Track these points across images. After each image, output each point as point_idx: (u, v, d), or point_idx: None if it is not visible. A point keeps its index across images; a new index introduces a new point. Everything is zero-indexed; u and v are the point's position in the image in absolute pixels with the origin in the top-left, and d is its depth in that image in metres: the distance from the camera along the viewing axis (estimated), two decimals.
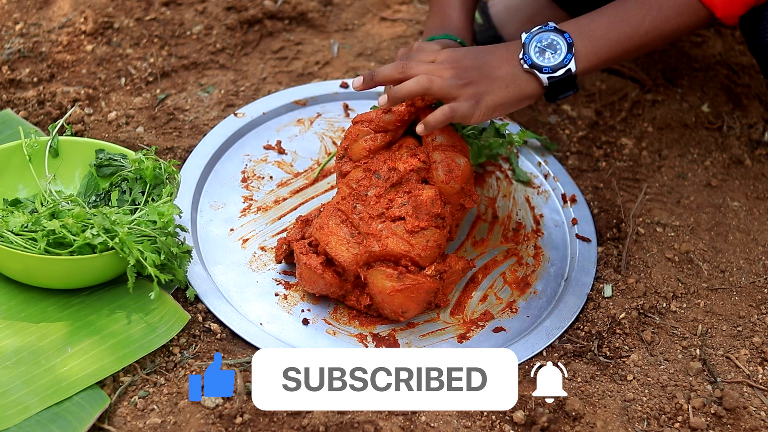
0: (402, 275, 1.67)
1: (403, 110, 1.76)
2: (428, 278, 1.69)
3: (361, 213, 1.70)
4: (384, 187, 1.71)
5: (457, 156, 1.76)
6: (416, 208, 1.69)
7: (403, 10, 2.49)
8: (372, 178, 1.73)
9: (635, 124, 2.23)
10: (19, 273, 1.68)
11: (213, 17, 2.36)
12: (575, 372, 1.70)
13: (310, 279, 1.72)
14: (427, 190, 1.71)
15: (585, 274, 1.88)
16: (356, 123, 1.80)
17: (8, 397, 1.54)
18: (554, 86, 1.72)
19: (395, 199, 1.70)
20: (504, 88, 1.70)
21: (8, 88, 2.13)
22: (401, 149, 1.75)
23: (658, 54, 2.40)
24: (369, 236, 1.69)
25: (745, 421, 1.63)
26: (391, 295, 1.68)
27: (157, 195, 1.79)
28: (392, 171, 1.72)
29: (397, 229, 1.68)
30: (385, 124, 1.77)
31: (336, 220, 1.71)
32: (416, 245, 1.68)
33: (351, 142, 1.79)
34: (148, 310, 1.69)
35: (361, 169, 1.74)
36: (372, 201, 1.71)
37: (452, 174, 1.74)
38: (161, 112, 2.11)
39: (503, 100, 1.70)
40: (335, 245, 1.69)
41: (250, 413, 1.56)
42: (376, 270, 1.69)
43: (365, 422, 1.56)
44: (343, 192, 1.74)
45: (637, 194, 2.07)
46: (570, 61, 1.70)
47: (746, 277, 1.91)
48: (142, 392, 1.59)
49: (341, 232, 1.70)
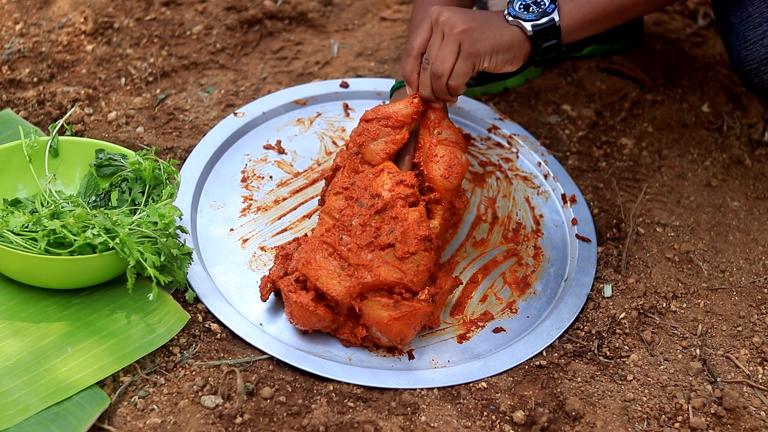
0: (398, 303, 1.65)
1: (417, 102, 1.76)
2: (423, 303, 1.67)
3: (349, 244, 1.66)
4: (368, 215, 1.68)
5: (459, 152, 1.76)
6: (404, 233, 1.66)
7: (403, 10, 2.49)
8: (354, 206, 1.69)
9: (635, 124, 2.23)
10: (19, 273, 1.68)
11: (213, 17, 2.36)
12: (575, 372, 1.70)
13: (301, 317, 1.68)
14: (412, 213, 1.68)
15: (585, 274, 1.88)
16: (370, 120, 1.77)
17: (8, 397, 1.54)
18: (539, 37, 1.74)
19: (382, 227, 1.67)
20: (495, 35, 1.73)
21: (8, 88, 2.13)
22: (382, 175, 1.72)
23: (658, 54, 2.40)
24: (360, 267, 1.65)
25: (745, 421, 1.63)
26: (388, 324, 1.66)
27: (157, 195, 1.79)
28: (375, 198, 1.69)
29: (387, 256, 1.65)
30: (403, 118, 1.76)
31: (323, 253, 1.67)
32: (408, 271, 1.66)
33: (368, 139, 1.76)
34: (148, 310, 1.69)
35: (341, 197, 1.71)
36: (358, 230, 1.67)
37: (452, 169, 1.74)
38: (161, 112, 2.11)
39: (495, 45, 1.72)
40: (326, 280, 1.65)
41: (250, 413, 1.56)
42: (371, 300, 1.66)
43: (365, 422, 1.56)
44: (326, 223, 1.70)
45: (637, 194, 2.07)
46: (553, 11, 1.74)
47: (746, 277, 1.91)
48: (142, 392, 1.59)
49: (330, 266, 1.66)
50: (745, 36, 1.84)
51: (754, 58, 1.84)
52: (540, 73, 2.33)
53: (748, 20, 1.84)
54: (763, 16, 1.81)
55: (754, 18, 1.83)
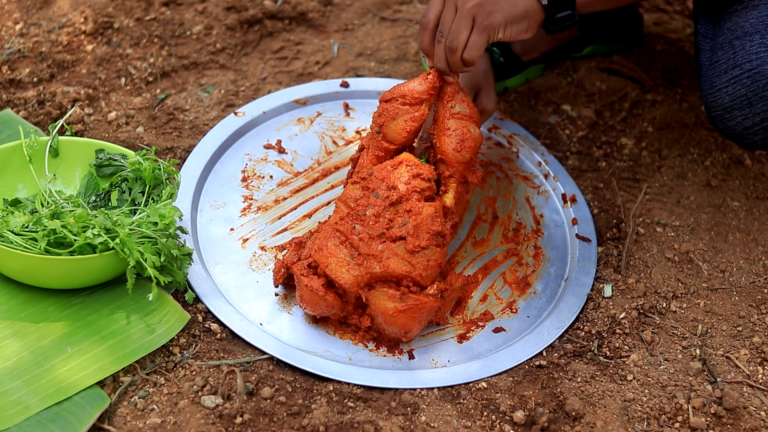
0: (404, 296, 1.65)
1: (432, 78, 1.75)
2: (430, 297, 1.67)
3: (361, 233, 1.67)
4: (383, 206, 1.68)
5: (473, 126, 1.75)
6: (416, 227, 1.66)
7: (403, 10, 2.49)
8: (370, 197, 1.69)
9: (635, 124, 2.23)
10: (19, 273, 1.68)
11: (213, 17, 2.36)
12: (575, 372, 1.70)
13: (311, 301, 1.70)
14: (426, 208, 1.68)
15: (585, 274, 1.88)
16: (388, 101, 1.77)
17: (8, 397, 1.54)
18: (553, 6, 1.72)
19: (395, 219, 1.67)
20: (509, 6, 1.70)
21: (8, 88, 2.13)
22: (400, 167, 1.72)
23: (658, 54, 2.40)
24: (369, 257, 1.66)
25: (745, 421, 1.63)
26: (393, 316, 1.66)
27: (157, 195, 1.79)
28: (391, 189, 1.69)
29: (398, 249, 1.66)
30: (419, 94, 1.75)
31: (335, 241, 1.68)
32: (417, 265, 1.66)
33: (388, 119, 1.76)
34: (148, 310, 1.69)
35: (358, 187, 1.72)
36: (371, 221, 1.68)
37: (464, 143, 1.73)
38: (161, 112, 2.11)
39: (509, 16, 1.69)
40: (335, 267, 1.67)
41: (250, 413, 1.56)
42: (378, 291, 1.66)
43: (365, 422, 1.56)
44: (341, 211, 1.71)
45: (637, 194, 2.07)
46: None
47: (746, 277, 1.91)
48: (142, 392, 1.59)
49: (341, 254, 1.67)
50: (712, 81, 1.81)
51: (719, 105, 1.81)
52: (540, 73, 2.33)
53: (716, 65, 1.81)
54: (729, 63, 1.78)
55: (721, 64, 1.80)
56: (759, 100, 1.75)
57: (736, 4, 1.84)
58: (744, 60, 1.75)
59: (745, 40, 1.77)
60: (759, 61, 1.74)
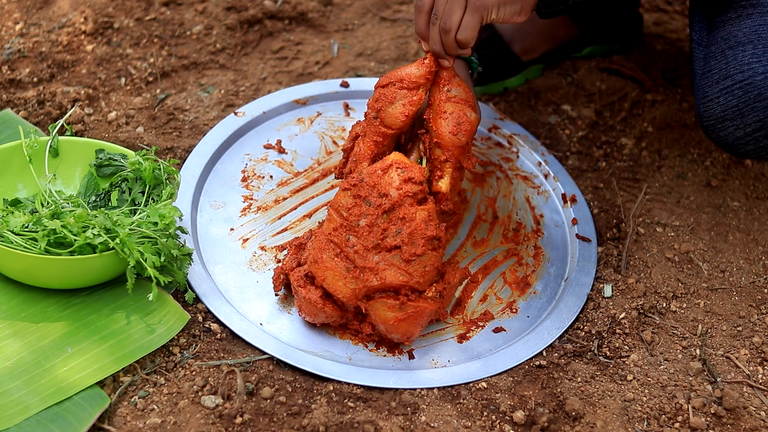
0: (404, 305, 1.65)
1: (429, 63, 1.74)
2: (429, 301, 1.67)
3: (356, 245, 1.65)
4: (376, 215, 1.66)
5: (468, 110, 1.74)
6: (411, 234, 1.64)
7: (403, 10, 2.49)
8: (362, 205, 1.67)
9: (635, 124, 2.23)
10: (19, 273, 1.68)
11: (213, 17, 2.36)
12: (575, 372, 1.70)
13: (310, 312, 1.70)
14: (420, 213, 1.66)
15: (585, 274, 1.88)
16: (385, 86, 1.75)
17: (8, 397, 1.54)
18: None
19: (389, 228, 1.65)
20: None
21: (8, 88, 2.13)
22: (390, 171, 1.69)
23: (658, 54, 2.40)
24: (366, 270, 1.65)
25: (745, 421, 1.63)
26: (394, 325, 1.66)
27: (157, 195, 1.79)
28: (383, 197, 1.66)
29: (394, 259, 1.64)
30: (417, 78, 1.74)
31: (330, 253, 1.67)
32: (414, 273, 1.65)
33: (386, 104, 1.73)
34: (148, 310, 1.69)
35: (349, 194, 1.68)
36: (365, 231, 1.66)
37: (461, 126, 1.72)
38: (161, 112, 2.11)
39: None
40: (332, 281, 1.66)
41: (250, 413, 1.56)
42: (377, 302, 1.66)
43: (365, 422, 1.56)
44: (334, 221, 1.68)
45: (637, 194, 2.07)
46: None
47: (746, 277, 1.91)
48: (142, 392, 1.59)
49: (337, 267, 1.66)
50: (704, 91, 1.81)
51: (711, 115, 1.81)
52: (540, 73, 2.33)
53: (709, 75, 1.81)
54: (721, 73, 1.78)
55: (714, 73, 1.79)
56: (750, 111, 1.75)
57: (729, 12, 1.84)
58: (736, 70, 1.75)
59: (737, 50, 1.77)
60: (750, 72, 1.74)
